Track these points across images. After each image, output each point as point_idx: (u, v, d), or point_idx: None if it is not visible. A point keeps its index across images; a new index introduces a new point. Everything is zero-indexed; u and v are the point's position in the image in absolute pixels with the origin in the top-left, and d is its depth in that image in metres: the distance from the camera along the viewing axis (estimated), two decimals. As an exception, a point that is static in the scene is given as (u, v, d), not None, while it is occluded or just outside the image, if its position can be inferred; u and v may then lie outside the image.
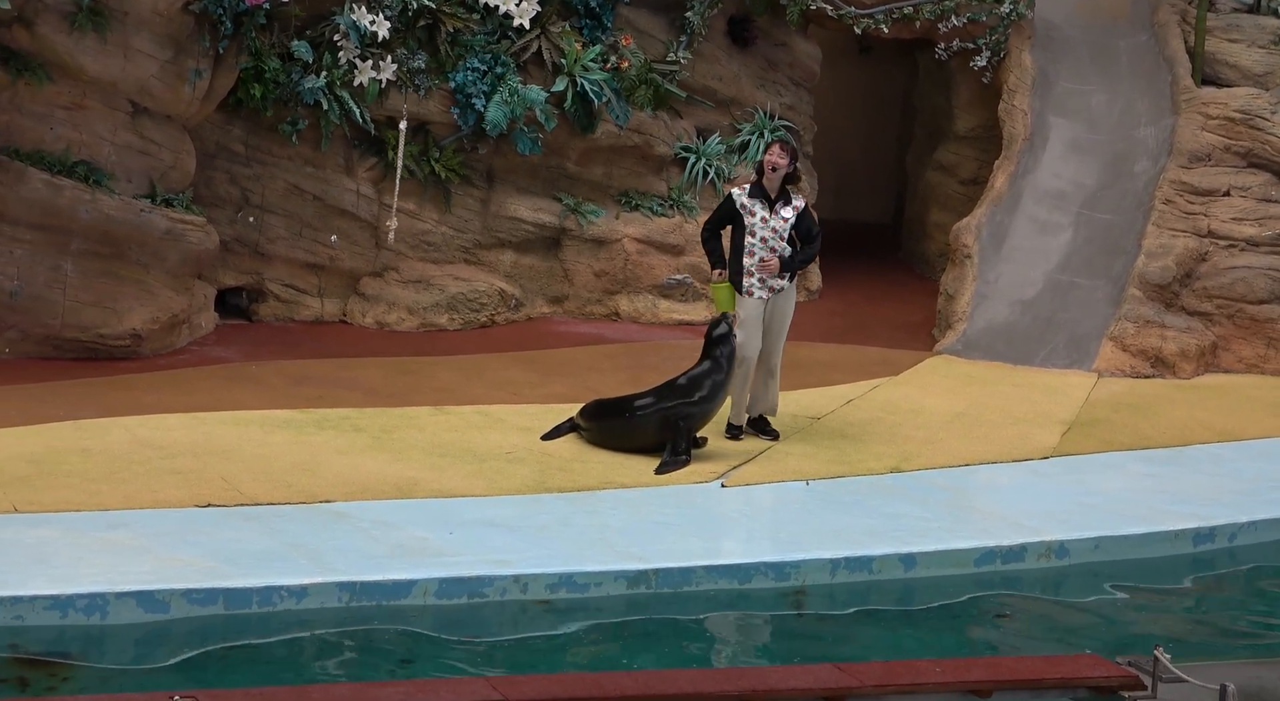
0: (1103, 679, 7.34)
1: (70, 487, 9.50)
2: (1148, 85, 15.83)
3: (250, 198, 13.78)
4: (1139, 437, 12.05)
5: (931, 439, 11.64)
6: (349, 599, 8.40)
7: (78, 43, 11.97)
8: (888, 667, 7.52)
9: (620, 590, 8.86)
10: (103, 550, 8.58)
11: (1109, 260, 14.56)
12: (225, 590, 8.25)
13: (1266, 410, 13.02)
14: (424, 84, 13.91)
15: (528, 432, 11.18)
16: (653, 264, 14.81)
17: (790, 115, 15.89)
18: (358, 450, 10.60)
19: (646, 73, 14.80)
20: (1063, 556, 9.85)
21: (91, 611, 8.01)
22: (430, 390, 12.14)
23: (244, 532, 9.01)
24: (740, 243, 11.06)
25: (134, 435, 10.53)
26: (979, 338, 14.08)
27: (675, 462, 10.65)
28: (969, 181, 16.51)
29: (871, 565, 9.38)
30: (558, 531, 9.38)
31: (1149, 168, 15.13)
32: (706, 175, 15.14)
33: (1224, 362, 14.17)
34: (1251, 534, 10.42)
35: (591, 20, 14.59)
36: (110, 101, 12.33)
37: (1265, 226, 14.51)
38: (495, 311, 14.30)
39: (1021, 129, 15.50)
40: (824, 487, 10.55)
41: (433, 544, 9.04)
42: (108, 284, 12.34)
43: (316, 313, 14.05)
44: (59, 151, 12.17)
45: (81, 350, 12.35)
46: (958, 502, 10.44)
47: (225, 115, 13.48)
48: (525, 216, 14.56)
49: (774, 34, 15.96)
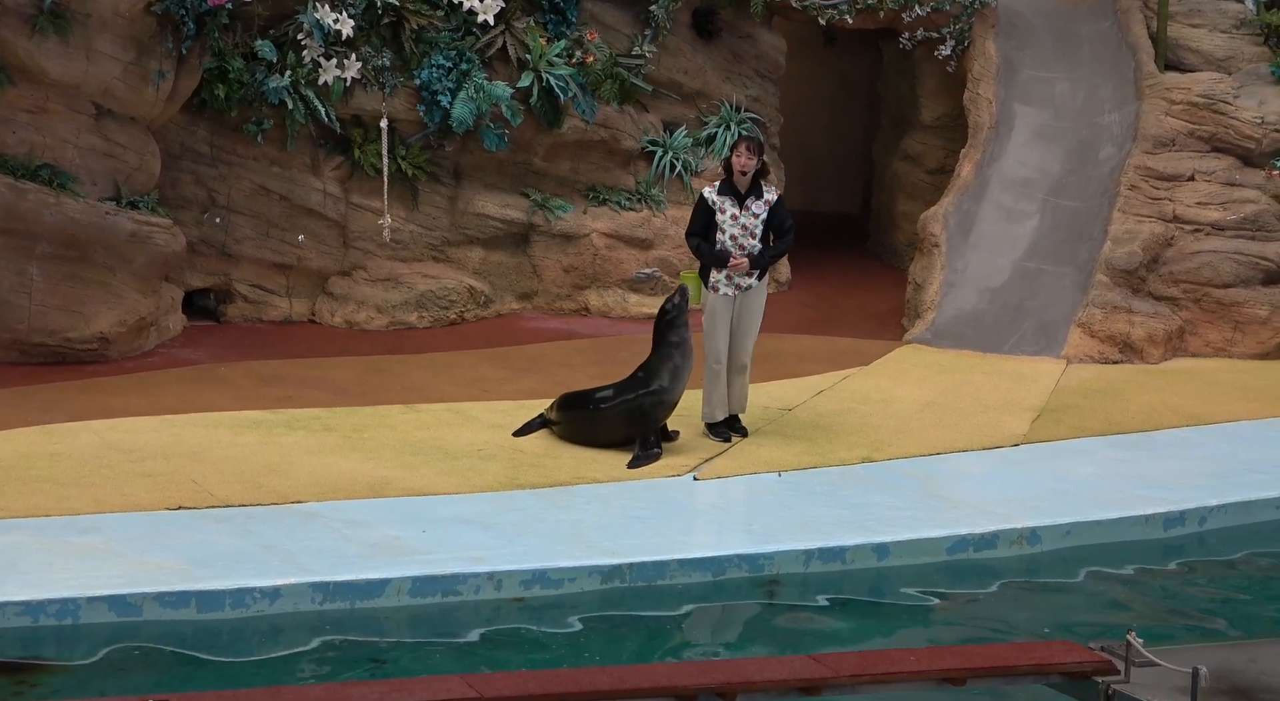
0: (1075, 664, 7.36)
1: (40, 493, 9.46)
2: (1111, 71, 15.88)
3: (216, 198, 13.73)
4: (1108, 423, 12.10)
5: (902, 428, 11.67)
6: (322, 599, 8.39)
7: (39, 45, 11.91)
8: (862, 657, 7.54)
9: (595, 585, 8.87)
10: (74, 555, 8.56)
11: (1075, 247, 14.61)
12: (197, 592, 8.23)
13: (1234, 393, 13.08)
14: (389, 82, 13.88)
15: (499, 429, 11.17)
16: (621, 258, 14.81)
17: (756, 107, 15.90)
18: (329, 450, 10.58)
19: (612, 67, 14.79)
20: (1035, 543, 9.89)
21: (64, 616, 7.99)
22: (401, 388, 12.13)
23: (215, 534, 8.99)
24: (710, 239, 11.04)
25: (103, 439, 10.49)
26: (948, 326, 14.11)
27: (647, 457, 10.66)
28: (936, 170, 16.53)
29: (845, 555, 9.40)
30: (531, 527, 9.39)
31: (1114, 154, 15.18)
32: (674, 169, 15.14)
33: (1191, 347, 14.23)
34: (1221, 517, 10.48)
35: (556, 15, 14.57)
36: (73, 104, 12.27)
37: (1230, 210, 14.57)
38: (465, 308, 14.29)
39: (987, 117, 15.54)
40: (796, 479, 10.57)
41: (406, 542, 9.03)
42: (74, 287, 12.29)
43: (285, 313, 14.01)
44: (22, 155, 12.11)
45: (49, 354, 12.30)
46: (929, 491, 10.47)
47: (190, 116, 13.43)
48: (493, 213, 14.54)
49: (739, 26, 15.97)
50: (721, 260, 10.95)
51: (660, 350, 10.86)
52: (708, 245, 11.02)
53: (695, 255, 11.22)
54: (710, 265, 11.02)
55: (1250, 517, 10.57)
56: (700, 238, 11.05)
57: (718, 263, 10.98)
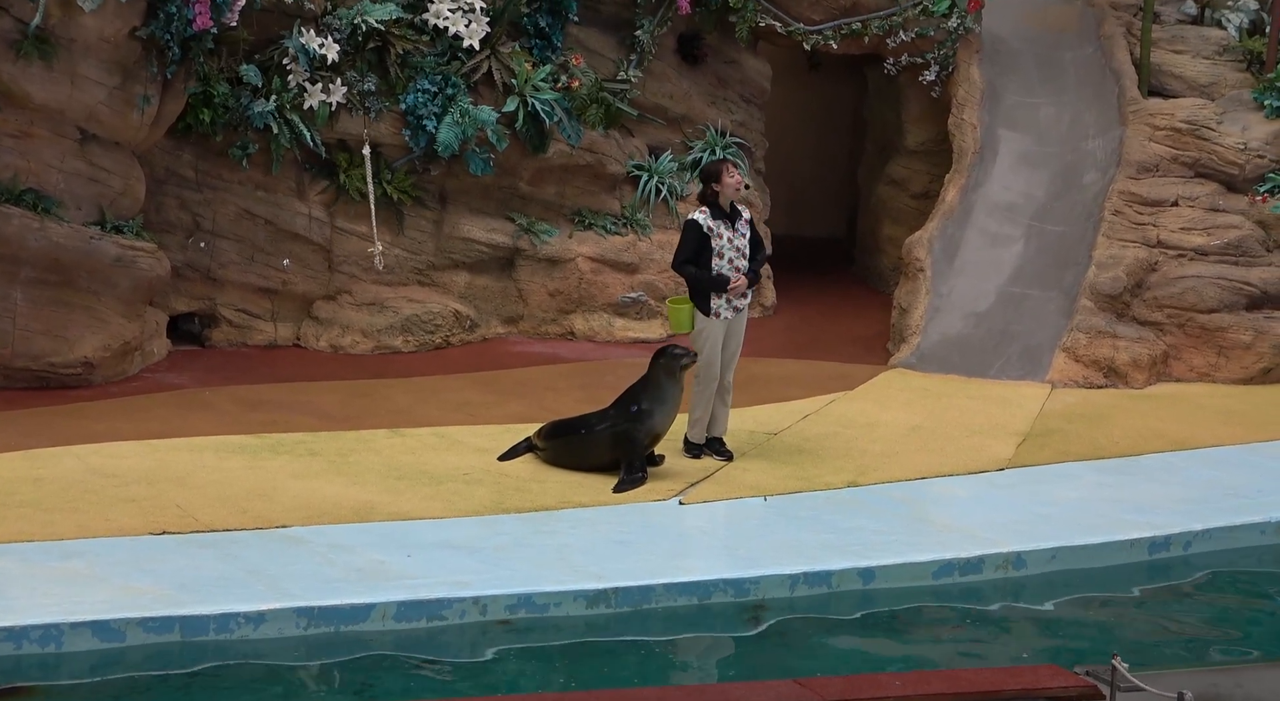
0: (1061, 689, 7.36)
1: (23, 518, 9.43)
2: (1095, 97, 15.95)
3: (201, 223, 13.72)
4: (1093, 447, 12.12)
5: (888, 452, 11.67)
6: (307, 624, 8.37)
7: (24, 70, 11.90)
8: (848, 682, 7.53)
9: (580, 610, 8.85)
10: (57, 580, 8.52)
11: (1060, 272, 14.65)
12: (182, 618, 8.20)
13: (1218, 418, 13.11)
14: (374, 106, 13.89)
15: (485, 453, 11.15)
16: (607, 282, 14.81)
17: (741, 132, 15.93)
18: (313, 474, 10.56)
19: (597, 91, 14.82)
20: (1020, 567, 9.90)
21: (47, 642, 7.96)
22: (386, 413, 12.11)
23: (200, 559, 8.96)
24: (707, 265, 11.00)
25: (87, 464, 10.46)
26: (933, 351, 14.13)
27: (632, 481, 10.65)
28: (920, 195, 16.57)
29: (830, 579, 9.40)
30: (516, 552, 9.37)
31: (1098, 179, 15.23)
32: (659, 193, 15.15)
33: (1175, 371, 14.26)
34: (1206, 541, 10.49)
35: (541, 40, 14.60)
36: (58, 129, 12.26)
37: (1213, 235, 14.62)
38: (450, 332, 14.28)
39: (971, 142, 15.59)
40: (781, 503, 10.56)
41: (391, 567, 9.01)
42: (58, 312, 12.26)
43: (270, 337, 13.99)
44: (6, 179, 12.09)
45: (32, 379, 12.27)
46: (915, 515, 10.48)
47: (175, 141, 13.43)
48: (479, 237, 14.55)
49: (724, 51, 16.01)
50: (723, 285, 10.94)
51: (650, 376, 10.87)
52: (705, 272, 10.98)
53: (693, 284, 11.06)
54: (711, 291, 10.99)
55: (1235, 542, 10.59)
56: (693, 264, 11.04)
57: (719, 288, 10.96)
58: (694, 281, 11.04)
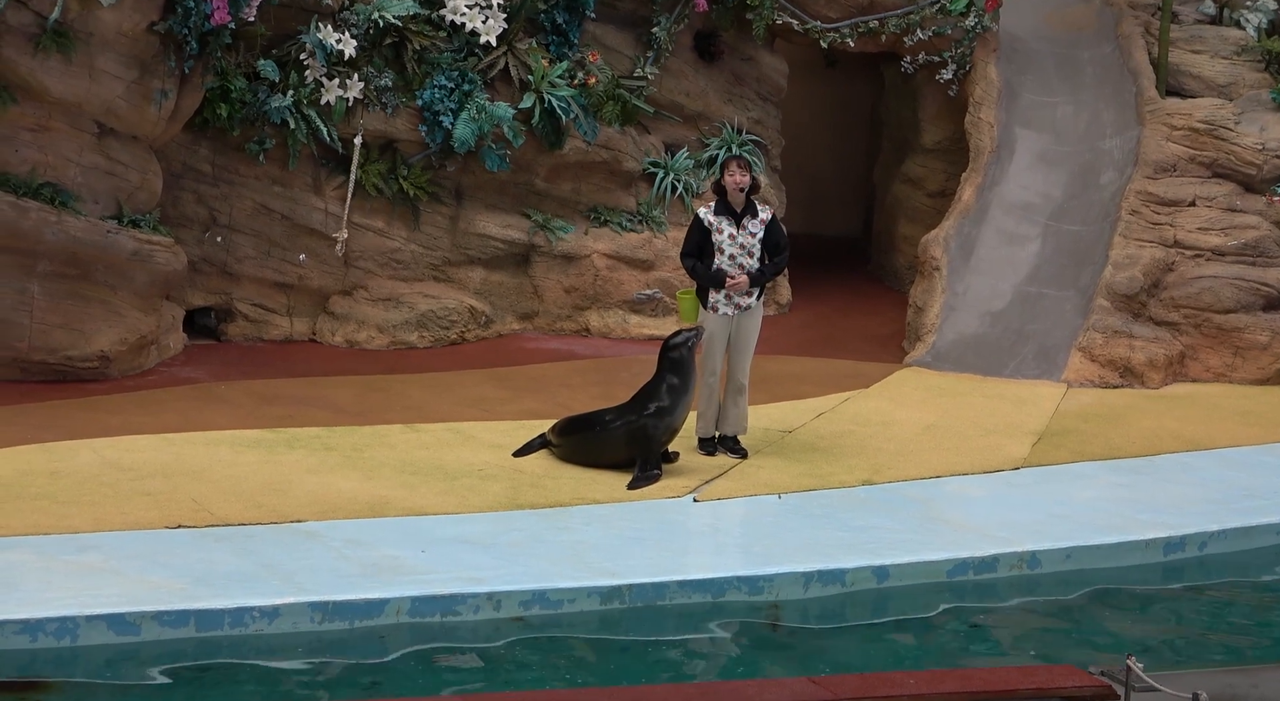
0: (1076, 689, 7.36)
1: (39, 511, 9.45)
2: (1113, 96, 15.92)
3: (218, 217, 13.75)
4: (1109, 447, 12.10)
5: (902, 451, 11.66)
6: (321, 619, 8.38)
7: (42, 64, 11.92)
8: (862, 680, 7.53)
9: (594, 606, 8.85)
10: (73, 573, 8.54)
11: (1076, 271, 14.62)
12: (196, 612, 8.21)
13: (1235, 419, 13.08)
14: (391, 102, 13.90)
15: (499, 449, 11.16)
16: (622, 279, 14.81)
17: (758, 129, 15.93)
18: (329, 469, 10.57)
19: (614, 88, 14.82)
20: (1035, 566, 9.88)
21: (62, 635, 7.97)
22: (401, 408, 12.12)
23: (215, 553, 8.98)
24: (705, 259, 11.05)
25: (103, 457, 10.48)
26: (948, 349, 14.11)
27: (647, 478, 10.65)
28: (937, 194, 16.56)
29: (844, 578, 9.39)
30: (530, 548, 9.37)
31: (1115, 178, 15.20)
32: (675, 190, 15.15)
33: (1192, 372, 14.24)
34: (1222, 542, 10.47)
35: (558, 37, 14.60)
36: (76, 122, 12.28)
37: (1231, 236, 14.59)
38: (465, 328, 14.29)
39: (988, 141, 15.56)
40: (796, 501, 10.56)
41: (405, 562, 9.02)
42: (75, 306, 12.29)
43: (286, 332, 14.01)
44: (24, 173, 12.11)
45: (49, 372, 12.29)
46: (929, 514, 10.46)
47: (192, 135, 13.45)
48: (494, 233, 14.55)
49: (741, 49, 16.00)
50: (718, 280, 10.97)
51: (663, 373, 10.87)
52: (703, 266, 11.03)
53: (691, 276, 11.23)
54: (707, 286, 11.04)
55: (1251, 543, 10.57)
56: (695, 258, 11.07)
57: (714, 283, 10.99)
58: (691, 274, 11.17)
